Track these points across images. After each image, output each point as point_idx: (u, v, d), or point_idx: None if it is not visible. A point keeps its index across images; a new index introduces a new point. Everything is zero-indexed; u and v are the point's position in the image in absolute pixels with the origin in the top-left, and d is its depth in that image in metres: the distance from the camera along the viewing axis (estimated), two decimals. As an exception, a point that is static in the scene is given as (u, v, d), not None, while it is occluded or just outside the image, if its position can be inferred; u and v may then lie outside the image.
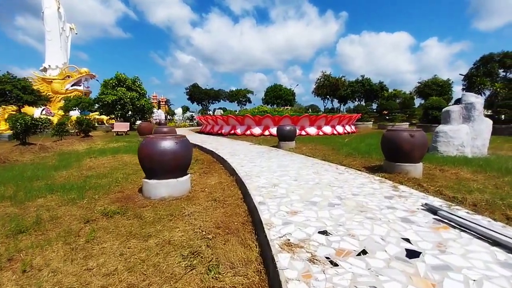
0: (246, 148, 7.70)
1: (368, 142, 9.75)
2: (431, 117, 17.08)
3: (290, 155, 6.43)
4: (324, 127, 14.61)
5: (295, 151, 7.84)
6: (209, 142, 10.10)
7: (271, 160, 5.46)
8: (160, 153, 3.41)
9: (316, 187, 3.34)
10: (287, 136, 8.88)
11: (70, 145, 10.31)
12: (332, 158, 6.51)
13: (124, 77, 19.63)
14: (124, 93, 18.51)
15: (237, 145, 8.61)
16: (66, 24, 44.29)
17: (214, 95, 54.10)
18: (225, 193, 3.75)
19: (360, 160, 6.21)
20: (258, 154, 6.38)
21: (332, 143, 9.95)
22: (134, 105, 19.00)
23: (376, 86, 33.83)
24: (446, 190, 3.67)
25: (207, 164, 6.17)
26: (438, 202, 2.81)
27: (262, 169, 4.61)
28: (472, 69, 25.44)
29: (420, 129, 4.67)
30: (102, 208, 3.23)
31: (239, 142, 9.99)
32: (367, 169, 5.22)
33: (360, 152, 7.22)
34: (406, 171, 4.56)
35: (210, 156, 7.23)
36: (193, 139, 11.21)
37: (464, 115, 7.39)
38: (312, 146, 9.16)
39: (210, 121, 16.55)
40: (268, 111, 16.75)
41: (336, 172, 4.27)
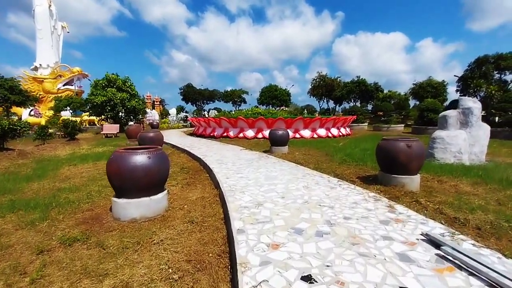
0: (235, 155, 7.35)
1: (363, 147, 9.47)
2: (426, 119, 16.91)
3: (281, 163, 6.09)
4: (318, 130, 14.33)
5: (287, 157, 7.51)
6: (199, 146, 9.72)
7: (259, 171, 5.11)
8: (130, 169, 3.04)
9: (304, 207, 3.00)
10: (279, 141, 8.56)
11: (53, 150, 9.84)
12: (325, 166, 6.20)
13: (114, 77, 19.09)
14: (114, 94, 17.98)
15: (227, 151, 8.26)
16: (58, 23, 43.41)
17: (209, 96, 53.51)
18: (205, 212, 3.39)
19: (354, 169, 5.91)
20: (247, 163, 6.03)
21: (326, 147, 9.65)
22: (124, 106, 18.48)
23: (371, 86, 33.74)
24: (446, 208, 3.37)
25: (192, 173, 5.80)
26: (440, 228, 2.49)
27: (248, 182, 4.26)
28: (467, 71, 25.44)
29: (417, 139, 4.37)
30: (62, 234, 2.86)
31: (230, 147, 9.63)
32: (362, 180, 4.92)
33: (355, 159, 6.92)
34: (403, 184, 4.27)
35: (198, 163, 6.86)
36: (182, 143, 10.83)
37: (461, 120, 7.14)
38: (305, 151, 8.85)
39: (203, 123, 16.15)
40: (262, 113, 16.42)
41: (328, 186, 3.94)
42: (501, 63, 21.91)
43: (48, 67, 39.90)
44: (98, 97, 17.84)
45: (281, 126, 13.69)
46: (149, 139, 7.62)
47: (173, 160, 7.32)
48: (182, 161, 7.13)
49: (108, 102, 17.93)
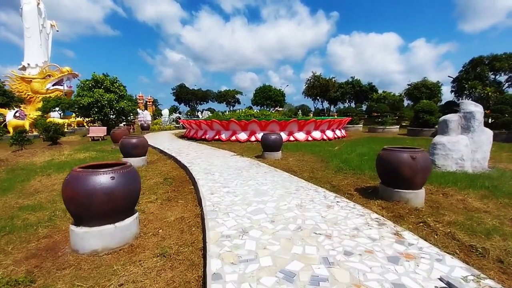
0: (225, 163, 6.86)
1: (359, 151, 9.08)
2: (421, 121, 16.67)
3: (273, 173, 5.62)
4: (313, 132, 13.92)
5: (280, 164, 7.06)
6: (188, 152, 9.20)
7: (248, 183, 4.63)
8: (89, 194, 2.53)
9: (297, 236, 2.54)
10: (272, 146, 8.10)
11: (31, 156, 9.20)
12: (320, 176, 5.77)
13: (102, 77, 18.37)
14: (101, 95, 17.28)
15: (217, 157, 7.76)
16: (47, 21, 42.25)
17: (202, 96, 52.71)
18: (182, 239, 2.91)
19: (351, 178, 5.49)
20: (236, 172, 5.55)
21: (322, 152, 9.24)
22: (112, 108, 17.79)
23: (365, 87, 33.56)
24: (458, 232, 2.95)
25: (176, 184, 5.29)
26: (460, 268, 2.05)
27: (235, 198, 3.78)
28: (462, 71, 25.38)
29: (422, 149, 3.95)
30: (3, 274, 2.34)
31: (220, 152, 9.13)
32: (360, 192, 4.49)
33: (351, 167, 6.51)
34: (406, 199, 3.85)
35: (184, 172, 6.35)
36: (171, 148, 10.28)
37: (463, 125, 6.79)
38: (300, 157, 8.42)
39: (194, 126, 15.59)
40: (255, 115, 15.95)
41: (324, 205, 3.48)
42: (496, 64, 21.86)
43: (37, 66, 38.78)
44: (85, 98, 17.13)
45: (275, 128, 13.25)
46: (131, 145, 7.08)
47: (157, 169, 6.80)
48: (167, 170, 6.61)
49: (95, 103, 17.22)
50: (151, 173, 6.32)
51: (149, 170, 6.59)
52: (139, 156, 7.24)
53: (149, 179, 5.70)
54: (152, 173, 6.32)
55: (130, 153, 7.11)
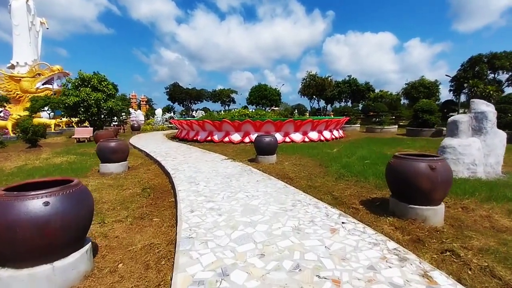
0: (213, 169, 6.19)
1: (360, 154, 8.48)
2: (421, 121, 16.19)
3: (266, 181, 4.97)
4: (310, 133, 13.32)
5: (275, 170, 6.43)
6: (175, 155, 8.50)
7: (237, 196, 3.96)
8: (9, 226, 1.85)
9: (294, 282, 1.89)
10: (266, 149, 7.46)
11: (3, 161, 8.41)
12: (319, 184, 5.14)
13: (88, 76, 17.49)
14: (88, 94, 16.41)
15: (205, 162, 7.08)
16: (37, 18, 41.04)
17: (196, 95, 51.64)
18: (145, 280, 2.24)
19: (354, 187, 4.87)
20: (225, 181, 4.88)
21: (320, 154, 8.62)
22: (100, 107, 16.95)
23: (362, 86, 33.07)
24: (496, 265, 2.34)
25: (155, 196, 4.61)
26: None
27: (219, 218, 3.12)
28: (460, 70, 25.02)
29: (441, 158, 3.34)
30: None
31: (210, 156, 8.45)
32: (367, 206, 3.86)
33: (353, 172, 5.90)
34: (424, 217, 3.23)
35: (167, 180, 5.67)
36: (158, 150, 9.56)
37: (474, 126, 6.22)
38: (296, 160, 7.79)
39: (185, 126, 14.87)
40: (250, 115, 15.29)
41: (327, 227, 2.84)
42: (496, 63, 21.50)
43: (26, 65, 37.59)
44: (70, 97, 16.25)
45: (270, 129, 12.61)
46: (110, 150, 6.36)
47: (138, 176, 6.10)
48: (148, 177, 5.91)
49: (82, 103, 16.37)
50: (130, 181, 5.62)
51: (128, 178, 5.89)
52: (119, 162, 6.52)
53: (125, 190, 5.00)
54: (131, 181, 5.62)
55: (108, 158, 6.39)
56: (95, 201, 4.42)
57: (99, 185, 5.30)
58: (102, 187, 5.17)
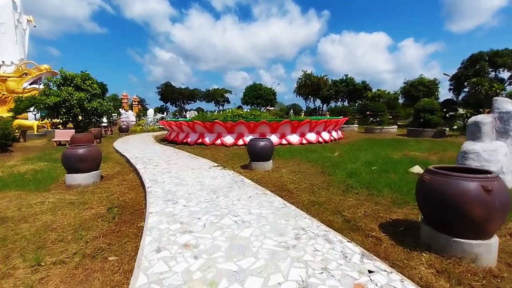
0: (199, 179, 5.27)
1: (365, 159, 7.66)
2: (422, 121, 15.51)
3: (261, 197, 4.09)
4: (308, 135, 12.49)
5: (271, 179, 5.56)
6: (159, 161, 7.56)
7: (223, 222, 3.06)
8: None
9: None
10: (261, 154, 6.58)
11: (-40, 169, 7.35)
12: (324, 199, 4.28)
13: (71, 74, 16.36)
14: (69, 93, 15.30)
15: (191, 170, 6.17)
16: (23, 16, 39.63)
17: (189, 95, 50.23)
18: None
19: (368, 204, 4.02)
20: (210, 198, 3.97)
21: (320, 159, 7.78)
22: (83, 108, 15.85)
23: (359, 85, 32.44)
24: None
25: (121, 219, 3.69)
26: None
27: (193, 264, 2.21)
28: (461, 68, 24.49)
29: (497, 176, 2.49)
30: None
31: (198, 162, 7.53)
32: (390, 233, 3.01)
33: (362, 183, 5.05)
34: (473, 256, 2.39)
35: (143, 194, 4.74)
36: (142, 155, 8.58)
37: (498, 128, 5.44)
38: (295, 166, 6.93)
39: (174, 128, 13.89)
40: (243, 115, 14.40)
41: (349, 280, 1.96)
42: (497, 60, 21.00)
43: (12, 64, 36.12)
44: (51, 97, 15.13)
45: (265, 131, 11.74)
46: (77, 158, 5.39)
47: (109, 189, 5.15)
48: (120, 191, 4.97)
49: (63, 103, 15.26)
50: (97, 196, 4.67)
51: (96, 192, 4.94)
52: (89, 171, 5.56)
53: (88, 209, 4.06)
54: (98, 196, 4.67)
55: (75, 167, 5.43)
56: (44, 227, 3.52)
57: (57, 203, 4.35)
58: (60, 206, 4.22)
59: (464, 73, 22.85)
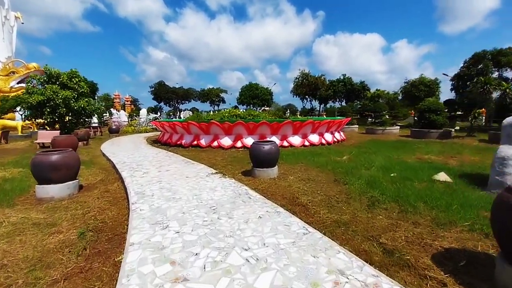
0: (195, 191, 4.46)
1: (379, 163, 6.94)
2: (427, 121, 14.95)
3: (273, 218, 3.31)
4: (310, 136, 11.76)
5: (279, 189, 4.79)
6: (149, 166, 6.71)
7: (230, 260, 2.24)
8: None
9: None
10: (266, 159, 5.80)
11: None
12: (348, 217, 3.52)
13: (57, 72, 15.29)
14: (54, 92, 14.27)
15: (186, 179, 5.35)
16: (11, 13, 38.14)
17: (184, 95, 48.88)
18: None
19: (405, 225, 3.26)
20: (209, 219, 3.16)
21: (329, 164, 7.03)
22: (69, 107, 14.82)
23: (357, 85, 31.92)
24: None
25: (95, 249, 2.86)
26: None
27: None
28: (463, 67, 24.10)
29: None
30: None
31: (194, 168, 6.71)
32: (451, 272, 2.26)
33: (388, 194, 4.31)
34: None
35: (126, 210, 3.91)
36: (130, 159, 7.70)
37: (537, 130, 4.76)
38: (302, 173, 6.17)
39: (168, 129, 13.00)
40: (241, 115, 13.58)
41: None
42: (502, 59, 20.64)
43: (-1, 62, 34.61)
44: (34, 96, 14.07)
45: (265, 132, 10.97)
46: (49, 166, 4.52)
47: (86, 204, 4.29)
48: (99, 207, 4.12)
49: (48, 102, 14.21)
50: (70, 214, 3.82)
51: (70, 208, 4.08)
52: (64, 182, 4.69)
53: (55, 234, 3.21)
54: (71, 214, 3.82)
55: (47, 177, 4.55)
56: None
57: (19, 225, 3.48)
58: (21, 229, 3.36)
59: (466, 72, 22.44)
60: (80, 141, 13.07)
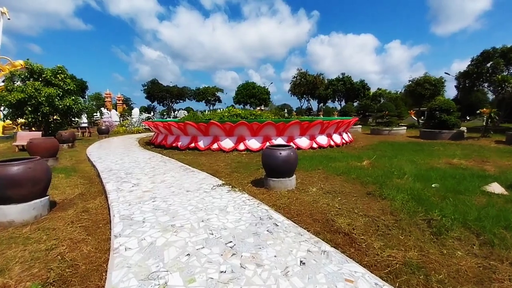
0: (200, 212, 3.45)
1: (409, 170, 6.01)
2: (438, 121, 14.18)
3: (322, 261, 2.33)
4: (318, 137, 10.82)
5: (306, 207, 3.81)
6: (140, 175, 5.65)
7: None
8: None
9: None
10: (283, 168, 4.80)
11: None
12: (416, 254, 2.56)
13: (39, 67, 14.01)
14: (36, 89, 13.00)
15: (187, 192, 4.33)
16: (-4, 8, 36.27)
17: (178, 93, 47.26)
18: None
19: (505, 269, 2.30)
20: (228, 265, 2.16)
21: (352, 171, 6.07)
22: (53, 106, 13.55)
23: (357, 84, 31.17)
24: None
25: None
26: None
27: None
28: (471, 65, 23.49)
29: None
30: None
31: (194, 176, 5.67)
32: None
33: (451, 217, 3.35)
34: None
35: (107, 244, 2.85)
36: (119, 166, 6.58)
37: None
38: (324, 183, 5.21)
39: (162, 129, 11.88)
40: (242, 115, 12.55)
41: None
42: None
43: (-17, 59, 32.74)
44: (14, 93, 12.78)
45: (271, 133, 9.98)
46: (7, 182, 3.41)
47: (55, 232, 3.21)
48: (71, 238, 3.05)
49: (29, 100, 12.93)
50: (29, 251, 2.75)
51: (31, 240, 3.00)
52: (28, 200, 3.60)
53: (-6, 292, 2.15)
54: (32, 250, 2.75)
55: (4, 196, 3.45)
56: None
57: None
58: None
59: (475, 70, 21.84)
60: (65, 143, 11.86)
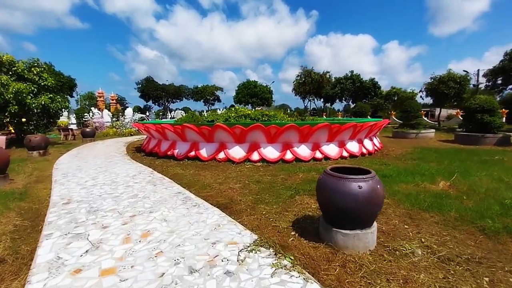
0: None
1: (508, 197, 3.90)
2: (478, 124, 12.15)
3: None
4: (348, 143, 8.72)
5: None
6: (109, 217, 3.50)
7: None
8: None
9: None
10: (361, 213, 2.65)
11: None
12: None
13: (9, 58, 11.79)
14: (3, 84, 10.77)
15: (193, 273, 2.16)
16: (-18, 2, 33.77)
17: (174, 92, 44.56)
18: None
19: None
20: None
21: (434, 200, 3.96)
22: (24, 105, 11.30)
23: (366, 83, 29.15)
24: None
25: None
26: None
27: None
28: (504, 61, 21.54)
29: None
30: None
31: (200, 218, 3.56)
32: None
33: None
34: None
35: None
36: (90, 188, 4.38)
37: None
38: (415, 229, 3.09)
39: (154, 133, 9.69)
40: (252, 116, 10.37)
41: None
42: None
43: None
44: (-26, 89, 10.54)
45: (292, 138, 7.86)
46: None
47: None
48: None
49: (-7, 98, 10.69)
50: None
51: None
52: None
53: None
54: None
55: None
56: None
57: None
58: None
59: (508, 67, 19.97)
60: (35, 150, 9.65)
